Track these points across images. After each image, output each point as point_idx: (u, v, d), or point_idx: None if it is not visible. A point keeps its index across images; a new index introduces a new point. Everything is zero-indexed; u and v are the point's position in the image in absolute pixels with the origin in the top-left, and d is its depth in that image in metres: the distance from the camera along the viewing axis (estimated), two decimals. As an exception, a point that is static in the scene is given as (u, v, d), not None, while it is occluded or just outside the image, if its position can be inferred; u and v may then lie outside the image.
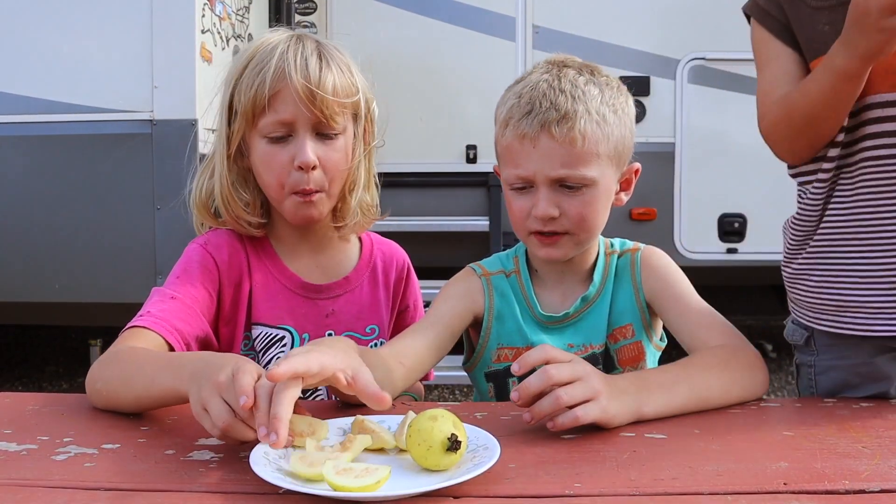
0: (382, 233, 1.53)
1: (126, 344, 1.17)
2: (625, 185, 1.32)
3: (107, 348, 1.17)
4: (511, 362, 1.12)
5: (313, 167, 1.29)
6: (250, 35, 3.79)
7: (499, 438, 0.92)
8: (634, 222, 3.98)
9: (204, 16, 3.31)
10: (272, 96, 1.27)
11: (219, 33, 3.47)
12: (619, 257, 1.37)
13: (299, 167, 1.28)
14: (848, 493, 0.84)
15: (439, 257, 3.59)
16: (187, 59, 3.23)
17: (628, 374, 1.21)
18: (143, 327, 1.20)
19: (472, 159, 4.18)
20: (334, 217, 1.39)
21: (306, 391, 1.10)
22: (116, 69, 3.28)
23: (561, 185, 1.23)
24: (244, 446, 0.93)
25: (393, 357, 1.19)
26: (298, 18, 4.14)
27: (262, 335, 1.36)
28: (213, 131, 1.45)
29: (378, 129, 1.41)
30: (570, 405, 0.98)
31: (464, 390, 4.40)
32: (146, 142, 3.28)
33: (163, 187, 3.25)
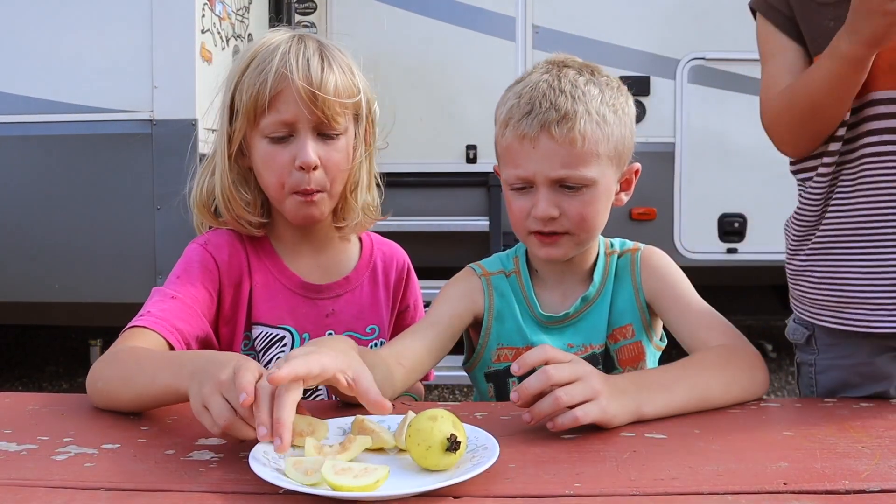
0: (382, 233, 1.53)
1: (126, 344, 1.17)
2: (625, 186, 1.32)
3: (107, 348, 1.17)
4: (511, 362, 1.12)
5: (314, 167, 1.29)
6: (250, 35, 3.79)
7: (499, 438, 0.92)
8: (634, 222, 3.98)
9: (204, 16, 3.31)
10: (273, 96, 1.27)
11: (219, 33, 3.46)
12: (619, 257, 1.36)
13: (300, 167, 1.28)
14: (848, 493, 0.84)
15: (439, 257, 3.58)
16: (187, 59, 3.23)
17: (628, 374, 1.21)
18: (143, 327, 1.20)
19: (472, 159, 4.18)
20: (335, 217, 1.39)
21: (306, 391, 1.10)
22: (116, 69, 3.28)
23: (561, 186, 1.23)
24: (244, 446, 0.92)
25: (393, 357, 1.19)
26: (298, 18, 4.14)
27: (263, 335, 1.36)
28: (213, 131, 1.45)
29: (382, 131, 1.41)
30: (569, 405, 0.98)
31: (464, 390, 4.40)
32: (146, 142, 3.28)
33: (163, 187, 3.24)
